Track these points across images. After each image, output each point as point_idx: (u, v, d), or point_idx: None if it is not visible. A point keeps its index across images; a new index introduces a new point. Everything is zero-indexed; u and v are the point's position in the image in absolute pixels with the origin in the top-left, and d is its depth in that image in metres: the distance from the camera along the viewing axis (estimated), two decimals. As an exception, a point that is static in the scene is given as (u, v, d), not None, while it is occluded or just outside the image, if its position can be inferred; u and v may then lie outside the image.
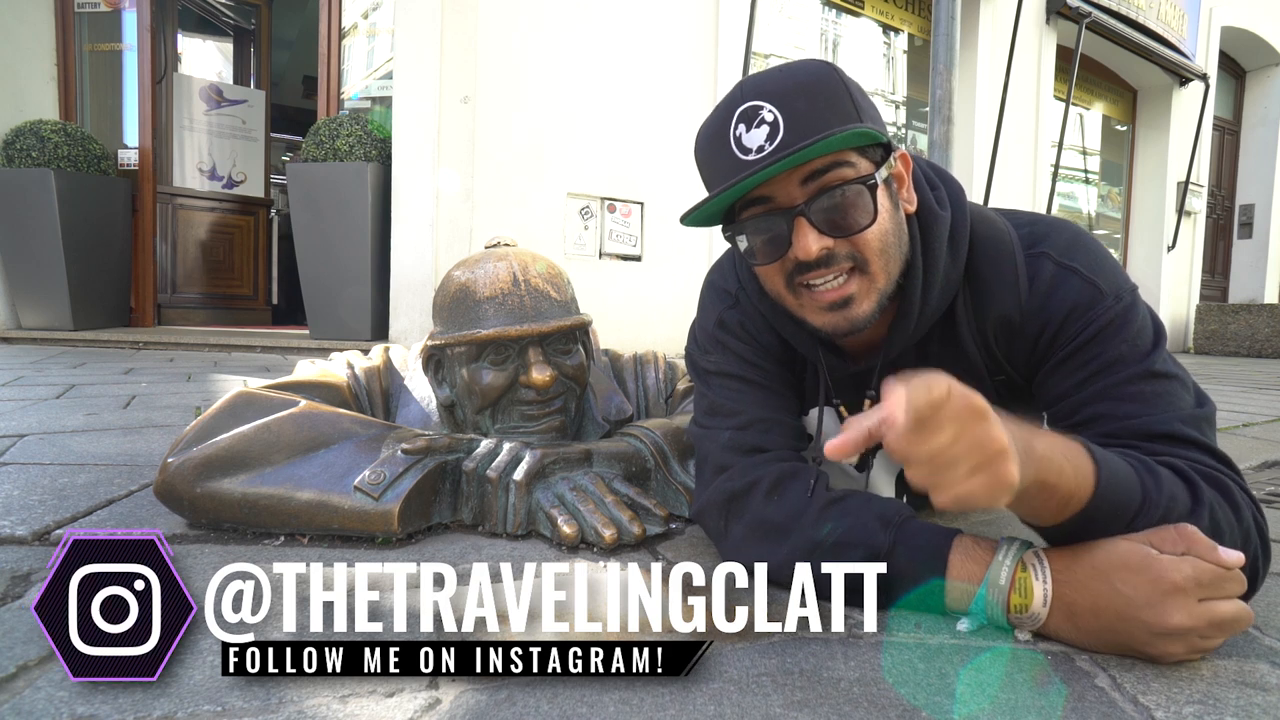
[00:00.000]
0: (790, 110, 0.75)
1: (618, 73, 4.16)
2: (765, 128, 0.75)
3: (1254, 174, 8.35)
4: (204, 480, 0.98)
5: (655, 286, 4.34)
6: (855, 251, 0.79)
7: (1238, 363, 6.03)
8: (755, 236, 0.82)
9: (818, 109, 0.75)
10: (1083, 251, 0.84)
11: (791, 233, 0.78)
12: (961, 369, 0.91)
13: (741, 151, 0.76)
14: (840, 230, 0.78)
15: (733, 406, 0.96)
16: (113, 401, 2.08)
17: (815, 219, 0.77)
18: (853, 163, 0.78)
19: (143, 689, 0.59)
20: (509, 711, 0.57)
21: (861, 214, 0.78)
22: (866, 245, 0.79)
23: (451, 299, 1.18)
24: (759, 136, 0.75)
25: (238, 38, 5.68)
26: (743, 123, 0.77)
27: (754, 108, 0.76)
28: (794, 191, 0.78)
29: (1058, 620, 0.70)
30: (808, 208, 0.77)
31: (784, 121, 0.74)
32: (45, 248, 3.92)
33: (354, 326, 3.89)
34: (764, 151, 0.75)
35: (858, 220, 0.78)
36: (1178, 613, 0.63)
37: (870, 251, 0.79)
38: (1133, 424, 0.77)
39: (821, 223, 0.77)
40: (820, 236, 0.77)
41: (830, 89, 0.77)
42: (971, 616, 0.74)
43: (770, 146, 0.75)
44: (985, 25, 5.74)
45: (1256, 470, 1.71)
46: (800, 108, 0.75)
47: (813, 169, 0.77)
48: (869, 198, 0.78)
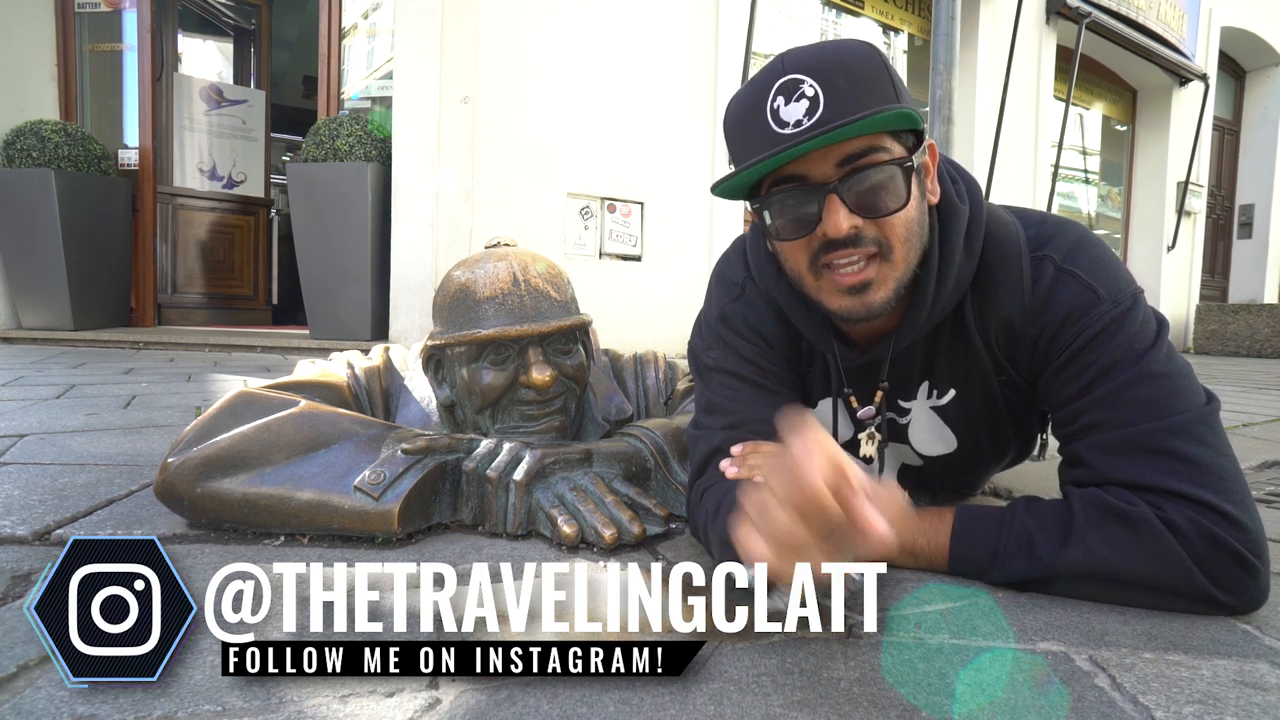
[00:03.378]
0: (832, 87, 0.74)
1: (618, 73, 4.15)
2: (805, 102, 0.74)
3: (1254, 174, 8.34)
4: (204, 480, 0.98)
5: (655, 286, 4.34)
6: (881, 236, 0.79)
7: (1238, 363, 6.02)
8: (783, 212, 0.81)
9: (858, 88, 0.74)
10: (1085, 255, 0.84)
11: (822, 210, 0.78)
12: (970, 364, 0.92)
13: (778, 124, 0.75)
14: (871, 211, 0.78)
15: (729, 405, 0.95)
16: (113, 401, 2.08)
17: (847, 198, 0.77)
18: (888, 147, 0.77)
19: (143, 688, 0.59)
20: (509, 711, 0.57)
21: (893, 197, 0.78)
22: (893, 230, 0.79)
23: (451, 299, 1.18)
24: (798, 111, 0.74)
25: (238, 38, 5.68)
26: (781, 95, 0.75)
27: (795, 81, 0.75)
28: (828, 170, 0.77)
29: None
30: (841, 185, 0.77)
31: (825, 98, 0.74)
32: (45, 248, 3.92)
33: (354, 326, 3.88)
34: (802, 126, 0.74)
35: (889, 203, 0.78)
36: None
37: (895, 237, 0.79)
38: (1126, 433, 0.77)
39: (853, 202, 0.77)
40: (850, 215, 0.77)
41: (872, 70, 0.76)
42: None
43: (809, 121, 0.74)
44: (985, 25, 5.73)
45: (1256, 470, 1.71)
46: (841, 85, 0.74)
47: (849, 150, 0.76)
48: (902, 181, 0.78)
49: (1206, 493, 0.74)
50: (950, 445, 1.00)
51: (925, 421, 0.99)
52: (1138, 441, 0.77)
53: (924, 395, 0.97)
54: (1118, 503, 0.76)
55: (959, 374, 0.93)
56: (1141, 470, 0.76)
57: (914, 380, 0.96)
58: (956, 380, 0.94)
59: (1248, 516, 0.74)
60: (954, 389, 0.95)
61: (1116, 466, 0.78)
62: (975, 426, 0.97)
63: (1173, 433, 0.76)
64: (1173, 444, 0.76)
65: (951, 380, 0.94)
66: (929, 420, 0.99)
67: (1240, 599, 0.75)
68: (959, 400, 0.95)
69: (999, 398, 0.93)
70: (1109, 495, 0.77)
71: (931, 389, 0.96)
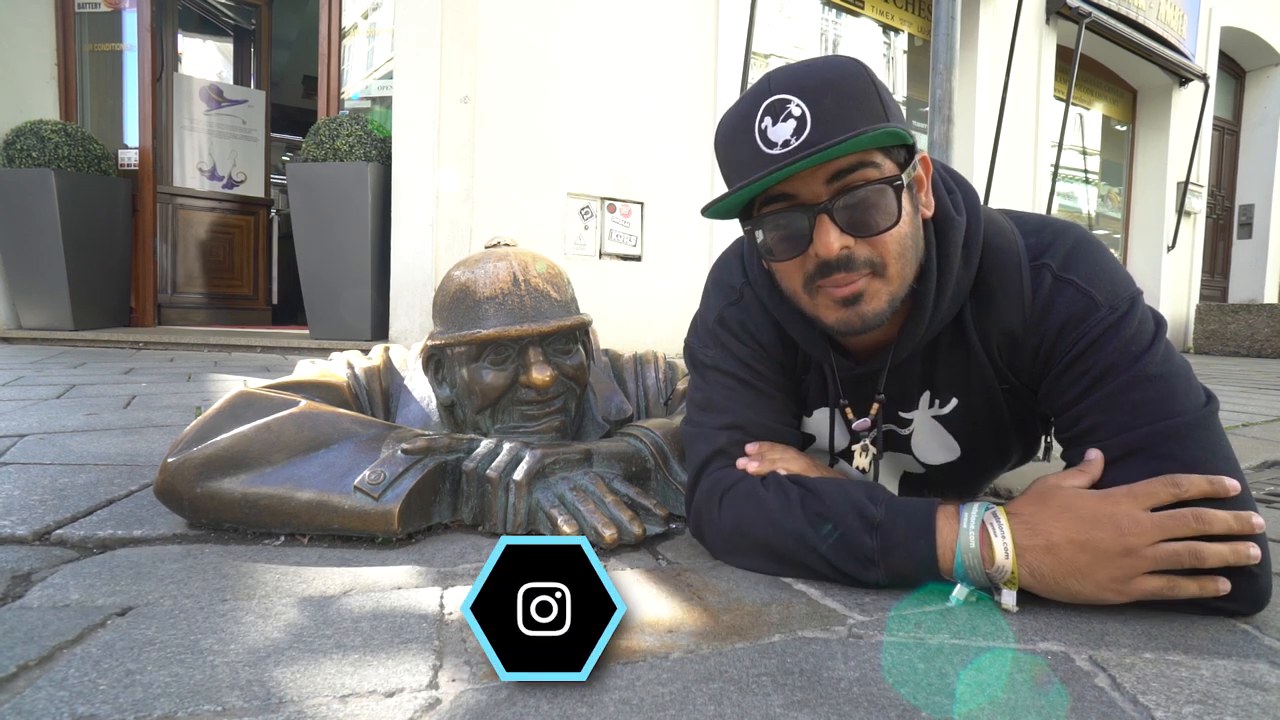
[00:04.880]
0: (818, 106, 0.74)
1: (618, 73, 4.15)
2: (792, 122, 0.74)
3: (1254, 174, 8.35)
4: (204, 480, 0.98)
5: (655, 286, 4.34)
6: (874, 255, 0.79)
7: (1238, 363, 6.02)
8: (775, 232, 0.81)
9: (846, 107, 0.74)
10: (1082, 260, 0.84)
11: (813, 230, 0.78)
12: (972, 372, 0.91)
13: (766, 145, 0.75)
14: (862, 230, 0.77)
15: (725, 404, 0.96)
16: (113, 401, 2.08)
17: (838, 217, 0.77)
18: (878, 163, 0.77)
19: (143, 688, 0.59)
20: (509, 711, 0.57)
21: (884, 215, 0.77)
22: (886, 248, 0.79)
23: (451, 299, 1.18)
24: (785, 131, 0.74)
25: (238, 38, 5.68)
26: (769, 115, 0.75)
27: (781, 101, 0.75)
28: (818, 189, 0.77)
29: (1035, 558, 0.74)
30: (831, 205, 0.77)
31: (811, 117, 0.73)
32: (46, 248, 3.92)
33: (354, 326, 3.88)
34: (790, 146, 0.74)
35: (880, 221, 0.77)
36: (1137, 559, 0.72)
37: (889, 255, 0.79)
38: (1124, 438, 0.78)
39: (844, 221, 0.77)
40: (841, 235, 0.77)
41: (859, 87, 0.76)
42: (960, 583, 0.78)
43: (796, 142, 0.74)
44: (985, 25, 5.74)
45: (1256, 470, 1.71)
46: (828, 104, 0.74)
47: (838, 167, 0.76)
48: (893, 199, 0.77)
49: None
50: (954, 453, 1.00)
51: (928, 431, 0.99)
52: (1136, 446, 0.77)
53: (925, 405, 0.97)
54: None
55: (960, 383, 0.93)
56: (1140, 476, 0.76)
57: (914, 390, 0.96)
58: (958, 389, 0.94)
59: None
60: (956, 398, 0.94)
61: (1116, 472, 0.78)
62: (978, 434, 0.97)
63: (1170, 436, 0.76)
64: (1171, 448, 0.76)
65: (953, 389, 0.94)
66: (932, 430, 0.99)
67: (1240, 602, 0.75)
68: (961, 409, 0.95)
69: (1002, 405, 0.93)
70: None
71: (933, 399, 0.96)
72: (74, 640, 0.67)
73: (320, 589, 0.82)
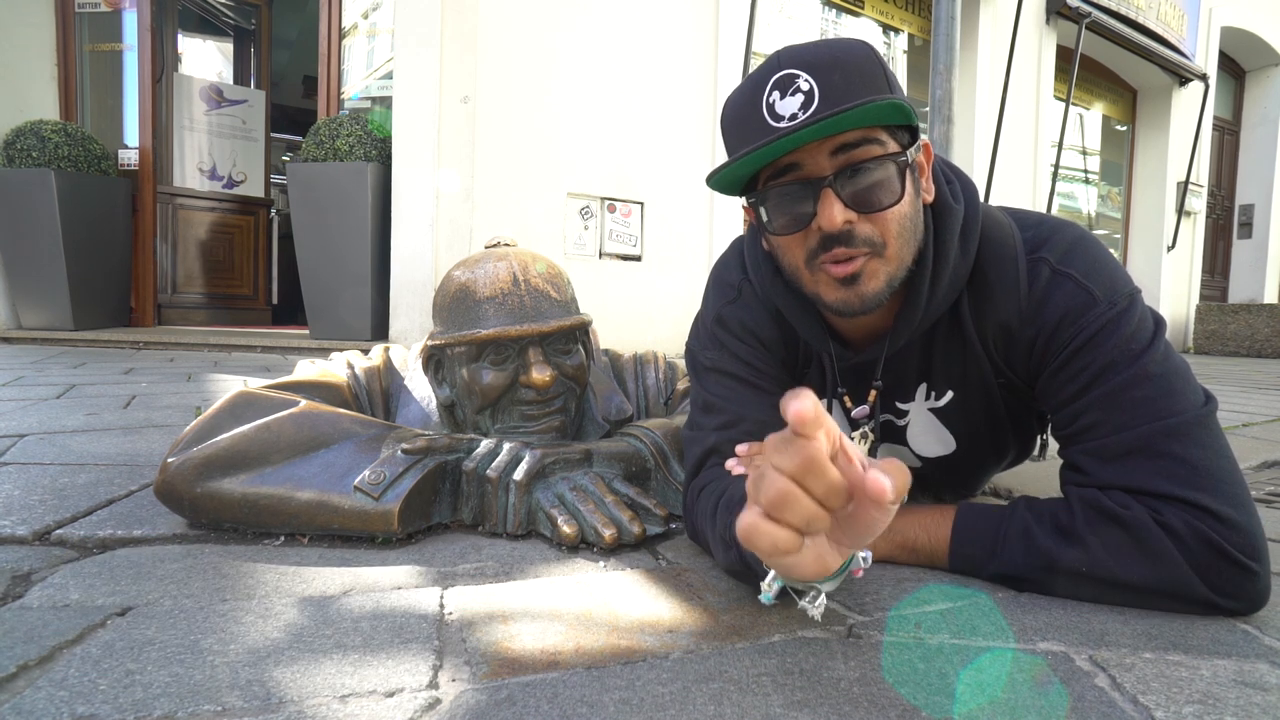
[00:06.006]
0: (826, 81, 0.74)
1: (618, 73, 4.15)
2: (800, 96, 0.74)
3: (1254, 174, 8.34)
4: (204, 480, 0.98)
5: (655, 286, 4.34)
6: (874, 233, 0.79)
7: (1238, 363, 6.02)
8: (779, 206, 0.81)
9: (853, 83, 0.75)
10: (1080, 256, 0.84)
11: (817, 203, 0.78)
12: (968, 365, 0.92)
13: (773, 118, 0.76)
14: (865, 205, 0.78)
15: (723, 404, 0.96)
16: (113, 401, 2.08)
17: (842, 192, 0.77)
18: (883, 141, 0.78)
19: (143, 688, 0.59)
20: (509, 711, 0.57)
21: (887, 192, 0.78)
22: (886, 226, 0.79)
23: (451, 299, 1.18)
24: (793, 104, 0.75)
25: (238, 38, 5.68)
26: (777, 90, 0.76)
27: (790, 76, 0.75)
28: (823, 162, 0.77)
29: None
30: (835, 179, 0.77)
31: (819, 91, 0.74)
32: (45, 248, 3.92)
33: (354, 326, 3.88)
34: (797, 119, 0.74)
35: (883, 198, 0.78)
36: None
37: (889, 233, 0.79)
38: (1123, 437, 0.78)
39: (848, 196, 0.77)
40: (845, 209, 0.77)
41: (867, 65, 0.76)
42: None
43: (804, 115, 0.74)
44: (985, 25, 5.73)
45: (1256, 470, 1.71)
46: (836, 79, 0.74)
47: (844, 141, 0.76)
48: (896, 176, 0.78)
49: (1204, 496, 0.74)
50: (949, 447, 1.01)
51: (924, 423, 1.00)
52: (1135, 445, 0.77)
53: (922, 397, 0.97)
54: (1115, 507, 0.76)
55: (957, 375, 0.93)
56: (1139, 474, 0.76)
57: (911, 382, 0.96)
58: (954, 382, 0.94)
59: (1246, 519, 0.74)
60: (952, 391, 0.95)
61: (1114, 470, 0.78)
62: (974, 428, 0.98)
63: (1170, 435, 0.76)
64: (1170, 447, 0.76)
65: (949, 382, 0.94)
66: (927, 422, 0.99)
67: (1239, 602, 0.75)
68: (957, 402, 0.95)
69: (998, 400, 0.93)
70: (1107, 499, 0.77)
71: (930, 391, 0.96)
72: (74, 640, 0.67)
73: (320, 589, 0.82)
